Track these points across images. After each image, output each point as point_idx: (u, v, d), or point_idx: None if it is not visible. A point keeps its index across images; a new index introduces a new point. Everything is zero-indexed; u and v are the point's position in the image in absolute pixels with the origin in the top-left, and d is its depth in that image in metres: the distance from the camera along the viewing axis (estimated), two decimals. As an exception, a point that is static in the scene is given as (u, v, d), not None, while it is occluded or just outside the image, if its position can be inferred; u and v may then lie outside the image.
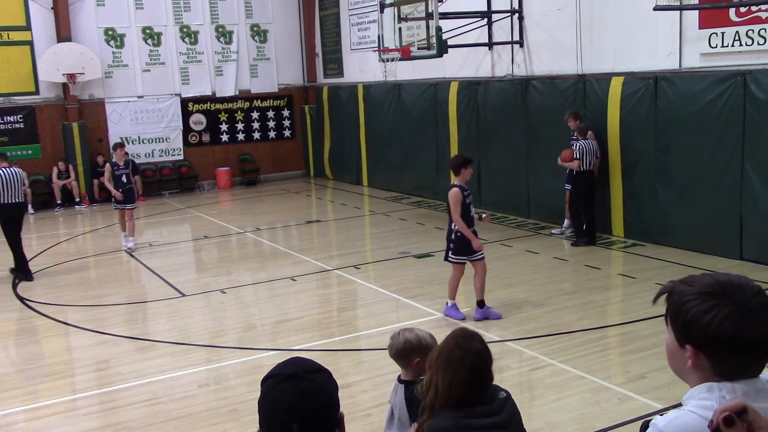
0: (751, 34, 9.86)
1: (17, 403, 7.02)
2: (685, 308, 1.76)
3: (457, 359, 2.91)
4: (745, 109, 9.89)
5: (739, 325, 1.70)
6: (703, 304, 1.73)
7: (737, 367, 1.76)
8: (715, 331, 1.71)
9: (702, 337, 1.73)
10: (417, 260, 11.45)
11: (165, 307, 9.87)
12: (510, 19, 13.80)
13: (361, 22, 18.92)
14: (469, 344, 2.97)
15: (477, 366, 2.91)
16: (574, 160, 11.46)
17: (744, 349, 1.72)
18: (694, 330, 1.74)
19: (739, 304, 1.72)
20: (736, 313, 1.71)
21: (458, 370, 2.88)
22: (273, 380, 1.90)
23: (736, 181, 10.14)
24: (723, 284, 1.75)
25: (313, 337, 8.35)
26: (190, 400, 6.83)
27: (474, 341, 2.99)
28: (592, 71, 12.31)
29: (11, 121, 18.23)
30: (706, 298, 1.74)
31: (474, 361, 2.92)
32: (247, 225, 15.18)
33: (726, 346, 1.72)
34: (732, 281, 1.77)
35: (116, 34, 19.13)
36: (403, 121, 17.16)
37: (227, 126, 20.74)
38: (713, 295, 1.74)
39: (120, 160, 13.04)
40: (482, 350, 2.97)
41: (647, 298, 8.74)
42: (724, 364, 1.75)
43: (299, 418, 1.83)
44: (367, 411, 6.29)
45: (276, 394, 1.86)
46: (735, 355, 1.73)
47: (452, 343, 2.99)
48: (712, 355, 1.75)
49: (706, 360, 1.76)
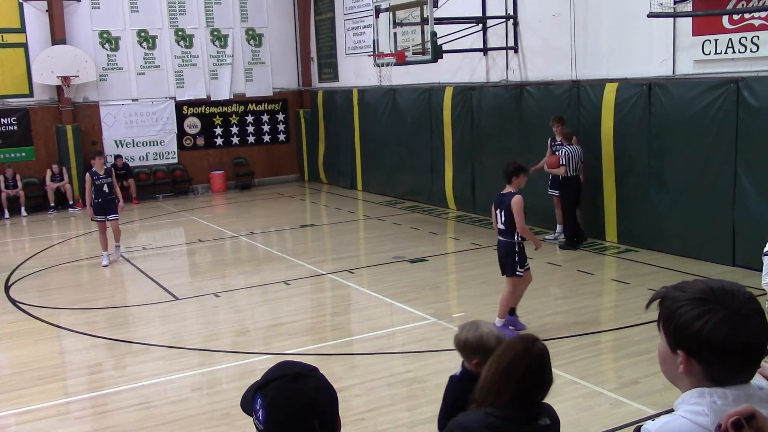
0: (744, 42, 9.91)
1: (9, 406, 6.99)
2: (678, 314, 1.77)
3: (516, 353, 2.80)
4: (738, 115, 9.93)
5: (731, 330, 1.71)
6: (695, 309, 1.74)
7: (728, 373, 1.76)
8: (707, 336, 1.72)
9: (694, 343, 1.74)
10: (411, 265, 11.45)
11: (158, 311, 9.84)
12: (505, 24, 13.84)
13: (356, 27, 18.94)
14: (533, 345, 2.85)
15: (530, 368, 2.79)
16: (561, 167, 11.52)
17: (735, 355, 1.73)
18: (686, 335, 1.75)
19: (731, 310, 1.72)
20: (728, 319, 1.71)
21: (513, 366, 2.77)
22: (279, 382, 1.91)
23: (729, 187, 10.17)
24: (715, 290, 1.76)
25: (306, 342, 8.34)
26: (183, 403, 6.82)
27: (538, 345, 2.87)
28: (586, 77, 12.35)
29: (5, 124, 18.19)
30: (699, 303, 1.74)
31: (530, 362, 2.79)
32: (241, 229, 15.17)
33: (718, 351, 1.72)
34: (725, 287, 1.77)
35: (111, 37, 19.11)
36: (398, 126, 17.18)
37: (222, 129, 20.73)
38: (705, 300, 1.74)
39: (100, 169, 12.29)
40: (542, 355, 2.84)
41: (640, 304, 8.77)
42: (715, 370, 1.76)
43: (318, 414, 1.88)
44: (360, 415, 6.29)
45: (291, 394, 1.88)
46: (726, 360, 1.74)
47: (517, 339, 2.92)
48: (704, 361, 1.75)
49: (698, 365, 1.77)
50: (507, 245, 7.98)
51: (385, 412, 6.39)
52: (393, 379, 7.13)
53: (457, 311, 9.12)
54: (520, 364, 2.78)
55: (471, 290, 10.00)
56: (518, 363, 2.78)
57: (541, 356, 2.84)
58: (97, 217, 12.37)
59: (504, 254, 8.03)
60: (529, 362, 2.80)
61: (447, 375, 4.00)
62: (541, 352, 2.84)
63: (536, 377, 2.80)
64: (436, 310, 9.14)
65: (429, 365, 7.41)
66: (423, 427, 5.97)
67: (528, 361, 2.79)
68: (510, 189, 7.94)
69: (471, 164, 15.02)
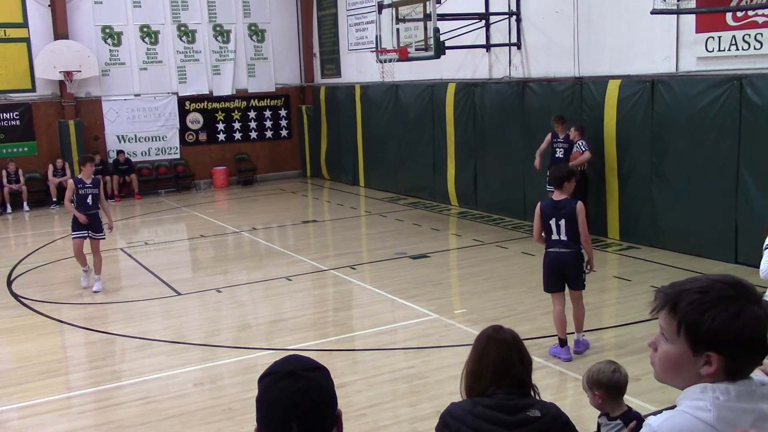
0: (747, 39, 9.89)
1: (12, 400, 7.01)
2: (708, 316, 1.74)
3: (488, 336, 3.05)
4: (741, 113, 9.92)
5: (759, 324, 1.74)
6: (729, 308, 1.73)
7: (746, 367, 1.78)
8: (749, 333, 1.72)
9: (731, 342, 1.73)
10: (413, 261, 11.46)
11: (160, 306, 9.86)
12: (508, 21, 13.83)
13: (359, 23, 18.93)
14: (501, 329, 3.10)
15: (503, 346, 3.01)
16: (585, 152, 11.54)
17: (763, 348, 1.76)
18: (724, 336, 1.73)
19: (757, 304, 1.75)
20: (756, 313, 1.74)
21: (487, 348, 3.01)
22: (271, 378, 1.89)
23: (731, 184, 10.16)
24: (735, 285, 1.76)
25: (308, 337, 8.35)
26: (185, 398, 6.83)
27: (506, 329, 3.11)
28: (589, 74, 12.34)
29: (8, 119, 18.20)
30: (730, 301, 1.74)
31: (501, 341, 3.03)
32: (243, 224, 15.17)
33: (753, 346, 1.74)
34: (738, 281, 1.78)
35: (113, 32, 19.10)
36: (400, 122, 17.17)
37: (224, 125, 20.73)
38: (735, 298, 1.74)
39: (87, 178, 10.52)
40: (512, 335, 3.07)
41: (642, 301, 8.76)
42: (740, 365, 1.77)
43: (298, 416, 1.83)
44: (362, 411, 6.30)
45: (275, 392, 1.85)
46: (754, 354, 1.76)
47: (488, 328, 3.14)
48: (733, 357, 1.76)
49: (724, 362, 1.76)
50: (576, 256, 7.28)
51: (386, 408, 6.39)
52: (394, 375, 7.13)
53: (458, 308, 9.12)
54: (493, 345, 3.02)
55: (473, 287, 10.00)
56: (491, 344, 3.02)
57: (512, 335, 3.07)
58: (76, 233, 10.50)
59: (573, 266, 7.29)
60: (500, 341, 3.03)
61: (448, 371, 4.05)
62: (510, 332, 3.09)
63: (510, 354, 2.99)
64: (438, 306, 9.14)
65: (431, 361, 7.41)
66: (424, 423, 5.98)
67: (499, 341, 3.03)
68: (563, 195, 7.23)
69: (473, 161, 15.02)
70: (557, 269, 7.31)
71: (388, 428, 6.05)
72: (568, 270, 7.29)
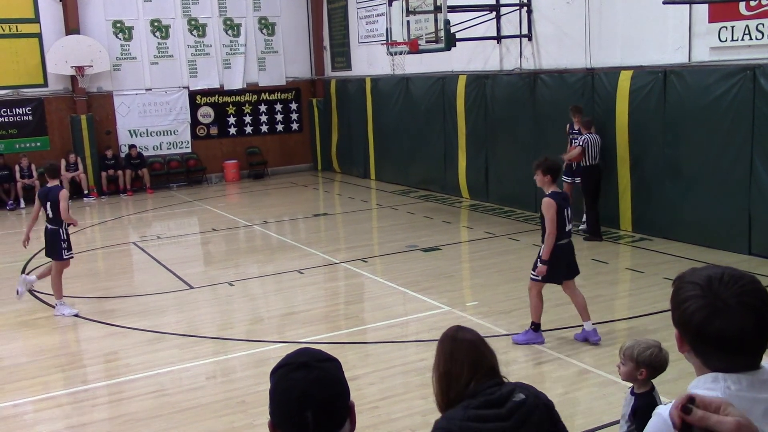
0: (761, 28, 9.80)
1: (27, 393, 7.06)
2: (677, 293, 1.84)
3: (452, 336, 3.00)
4: (755, 103, 9.84)
5: (706, 318, 1.75)
6: (687, 293, 1.80)
7: (715, 360, 1.79)
8: (688, 318, 1.78)
9: (680, 323, 1.82)
10: (424, 254, 11.45)
11: (173, 299, 9.90)
12: (518, 12, 13.76)
13: (369, 15, 18.89)
14: (460, 327, 3.05)
15: (470, 342, 2.97)
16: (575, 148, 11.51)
17: (710, 343, 1.77)
18: (676, 315, 1.84)
19: (715, 298, 1.75)
20: (708, 306, 1.75)
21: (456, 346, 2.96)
22: (285, 369, 1.90)
23: (744, 175, 10.09)
24: (711, 278, 1.79)
25: (320, 330, 8.37)
26: (198, 391, 6.86)
27: (465, 330, 3.05)
28: (600, 65, 12.26)
29: (20, 114, 18.29)
30: (691, 288, 1.80)
31: (465, 337, 2.99)
32: (255, 218, 15.21)
33: (695, 335, 1.79)
34: (722, 277, 1.78)
35: (124, 27, 19.15)
36: (411, 115, 17.14)
37: (235, 119, 20.76)
38: (698, 286, 1.79)
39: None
40: (472, 332, 3.02)
41: (655, 293, 8.74)
42: (701, 356, 1.81)
43: (313, 407, 1.84)
44: (374, 404, 6.31)
45: (289, 383, 1.87)
46: (706, 346, 1.79)
47: (447, 330, 3.07)
48: (692, 345, 1.82)
49: (692, 350, 1.83)
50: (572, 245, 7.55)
51: (398, 401, 6.40)
52: (407, 368, 7.14)
53: (470, 300, 9.11)
54: (461, 342, 2.98)
55: (484, 279, 9.99)
56: (458, 342, 2.98)
57: (472, 331, 3.04)
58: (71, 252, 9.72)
59: (573, 254, 7.58)
60: (466, 338, 3.00)
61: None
62: (470, 329, 3.06)
63: (479, 346, 2.97)
64: (449, 299, 9.14)
65: (442, 354, 7.40)
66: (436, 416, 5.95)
67: (465, 338, 3.00)
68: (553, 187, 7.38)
69: (484, 153, 14.98)
70: (571, 258, 7.54)
71: (400, 420, 6.06)
72: (573, 258, 7.57)
